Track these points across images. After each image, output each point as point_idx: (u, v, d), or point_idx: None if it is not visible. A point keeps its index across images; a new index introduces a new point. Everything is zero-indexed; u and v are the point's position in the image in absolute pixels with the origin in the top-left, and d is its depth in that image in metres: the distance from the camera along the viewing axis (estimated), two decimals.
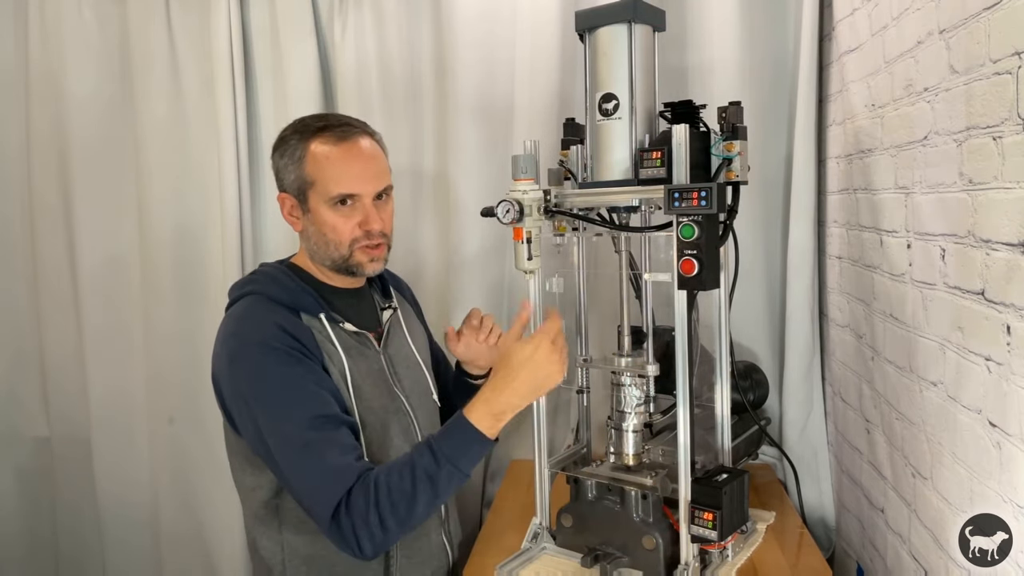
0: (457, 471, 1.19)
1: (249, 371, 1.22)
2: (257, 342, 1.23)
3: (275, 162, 1.35)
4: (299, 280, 1.33)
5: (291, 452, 1.19)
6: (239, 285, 1.36)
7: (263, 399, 1.21)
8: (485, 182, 2.02)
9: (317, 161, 1.29)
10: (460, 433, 1.20)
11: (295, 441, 1.18)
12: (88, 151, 2.20)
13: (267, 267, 1.39)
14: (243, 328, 1.27)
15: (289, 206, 1.34)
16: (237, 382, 1.23)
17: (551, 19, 1.92)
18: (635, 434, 1.45)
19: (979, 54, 1.06)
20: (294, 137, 1.31)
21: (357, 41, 2.09)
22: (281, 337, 1.23)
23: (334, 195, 1.29)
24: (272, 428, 1.20)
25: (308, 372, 1.23)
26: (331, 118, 1.36)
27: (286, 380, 1.21)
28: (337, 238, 1.31)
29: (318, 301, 1.31)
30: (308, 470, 1.18)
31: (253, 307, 1.29)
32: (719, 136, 1.34)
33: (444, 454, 1.18)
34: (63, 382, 2.31)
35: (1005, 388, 1.01)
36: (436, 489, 1.18)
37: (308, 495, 1.19)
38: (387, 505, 1.15)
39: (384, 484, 1.16)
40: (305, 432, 1.18)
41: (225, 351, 1.25)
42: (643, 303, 1.50)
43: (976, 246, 1.08)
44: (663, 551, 1.35)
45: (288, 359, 1.22)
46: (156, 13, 2.14)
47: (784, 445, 1.90)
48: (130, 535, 2.29)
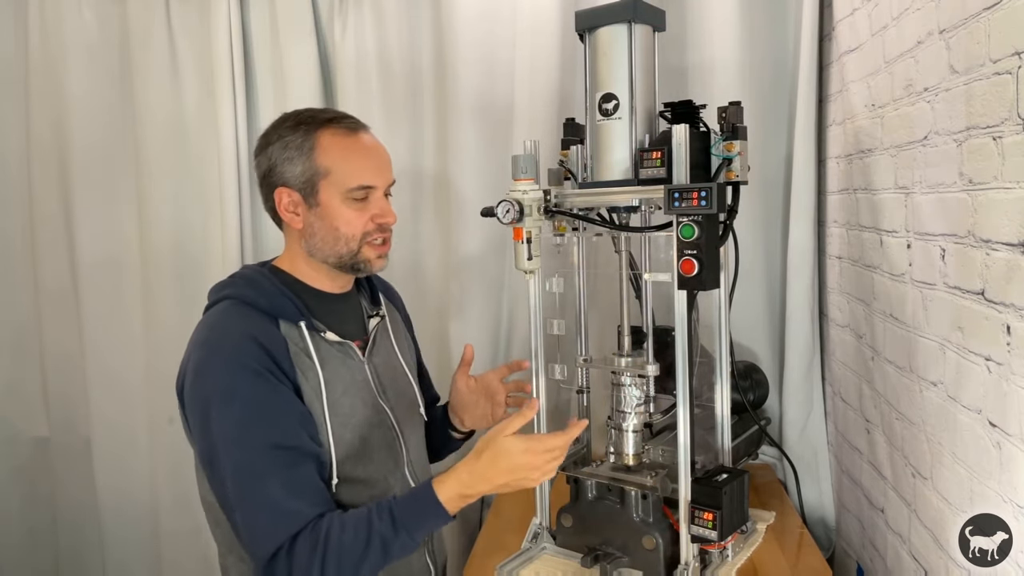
0: (411, 541, 1.13)
1: (213, 386, 1.15)
2: (226, 356, 1.16)
3: (270, 156, 1.25)
4: (281, 285, 1.26)
5: (241, 480, 1.12)
6: (217, 288, 1.28)
7: (222, 418, 1.14)
8: (485, 182, 2.02)
9: (332, 151, 1.23)
10: (425, 506, 1.14)
11: (247, 469, 1.12)
12: (88, 151, 2.20)
13: (248, 270, 1.32)
14: (213, 338, 1.20)
15: (288, 201, 1.25)
16: (198, 396, 1.16)
17: (551, 19, 1.92)
18: (635, 434, 1.45)
19: (979, 54, 1.06)
20: (299, 129, 1.24)
21: (357, 41, 2.09)
22: (253, 352, 1.15)
23: (353, 186, 1.24)
24: (226, 450, 1.13)
25: (275, 393, 1.15)
26: (328, 110, 1.31)
27: (250, 402, 1.14)
28: (350, 232, 1.25)
29: (299, 308, 1.24)
30: (255, 504, 1.11)
31: (227, 315, 1.22)
32: (719, 136, 1.34)
33: (403, 524, 1.12)
34: (63, 382, 2.30)
35: (1005, 388, 1.01)
36: (387, 555, 1.12)
37: (248, 530, 1.13)
38: (333, 561, 1.09)
39: (336, 539, 1.10)
40: (260, 461, 1.12)
41: (192, 360, 1.19)
42: (643, 303, 1.50)
43: (976, 246, 1.08)
44: (663, 551, 1.35)
45: (256, 379, 1.14)
46: (156, 13, 2.14)
47: (784, 445, 1.90)
48: (130, 534, 2.29)
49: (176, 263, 2.19)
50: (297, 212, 1.26)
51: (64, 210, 2.25)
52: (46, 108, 2.20)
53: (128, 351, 2.25)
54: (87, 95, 2.18)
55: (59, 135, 2.21)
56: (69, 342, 2.27)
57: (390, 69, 2.10)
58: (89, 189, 2.22)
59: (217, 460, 1.14)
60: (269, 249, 2.12)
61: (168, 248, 2.19)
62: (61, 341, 2.29)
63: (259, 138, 1.29)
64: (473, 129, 2.03)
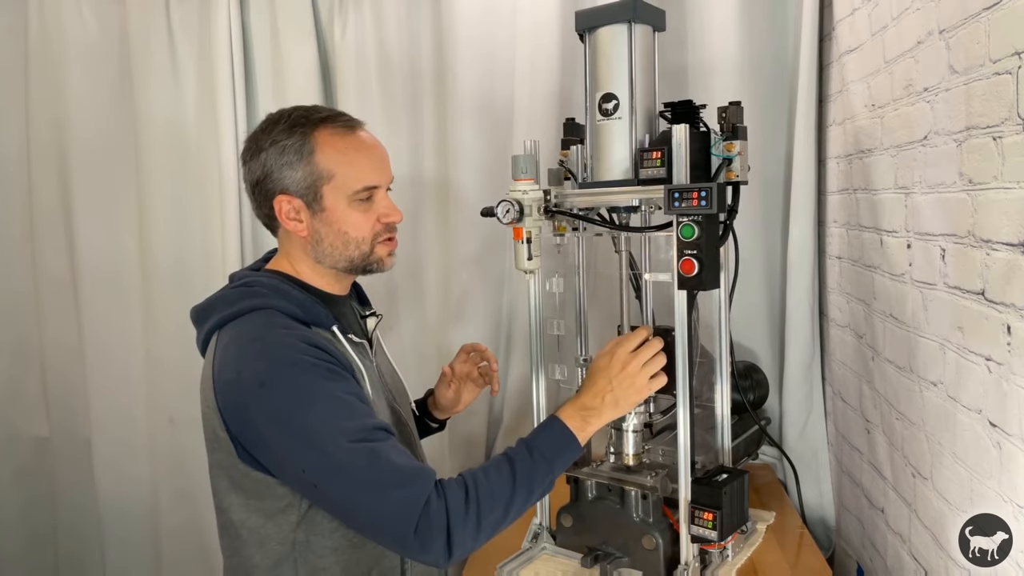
0: (549, 470, 1.13)
1: (288, 394, 1.06)
2: (290, 361, 1.08)
3: (264, 162, 1.19)
4: (304, 291, 1.21)
5: (358, 468, 1.04)
6: (228, 301, 1.19)
7: (311, 422, 1.06)
8: (485, 182, 2.02)
9: (333, 153, 1.18)
10: (551, 431, 1.17)
11: (360, 455, 1.04)
12: (88, 151, 2.21)
13: (261, 277, 1.22)
14: (270, 347, 1.10)
15: (289, 208, 1.19)
16: (273, 408, 1.07)
17: (551, 19, 1.93)
18: (635, 434, 1.45)
19: (979, 54, 1.06)
20: (294, 132, 1.18)
21: (357, 41, 2.09)
22: (314, 352, 1.09)
23: (359, 188, 1.18)
24: (327, 451, 1.05)
25: (351, 386, 1.11)
26: (320, 108, 1.24)
27: (331, 397, 1.08)
28: (360, 235, 1.21)
29: (328, 312, 1.20)
30: (383, 478, 1.04)
31: (271, 323, 1.13)
32: (719, 136, 1.34)
33: (539, 451, 1.13)
34: (63, 382, 2.31)
35: (1005, 388, 1.01)
36: (531, 490, 1.11)
37: (385, 507, 1.04)
38: (488, 502, 1.06)
39: (481, 479, 1.08)
40: (367, 444, 1.05)
41: (248, 375, 1.08)
42: (643, 303, 1.50)
43: (976, 246, 1.08)
44: (663, 551, 1.35)
45: (329, 374, 1.09)
46: (156, 13, 2.14)
47: (784, 445, 1.90)
48: (130, 534, 2.29)
49: (176, 263, 2.19)
50: (300, 219, 1.20)
51: (64, 209, 2.25)
52: (46, 108, 2.20)
53: (128, 351, 2.25)
54: (87, 95, 2.19)
55: (59, 135, 2.21)
56: (69, 342, 2.28)
57: (390, 69, 2.10)
58: (89, 189, 2.22)
59: (316, 465, 1.06)
60: (269, 248, 2.12)
61: (168, 248, 2.19)
62: (61, 341, 2.29)
63: (247, 142, 1.23)
64: (473, 129, 2.04)
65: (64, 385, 2.31)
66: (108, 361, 2.25)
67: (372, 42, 2.09)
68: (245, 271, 1.30)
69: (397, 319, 2.15)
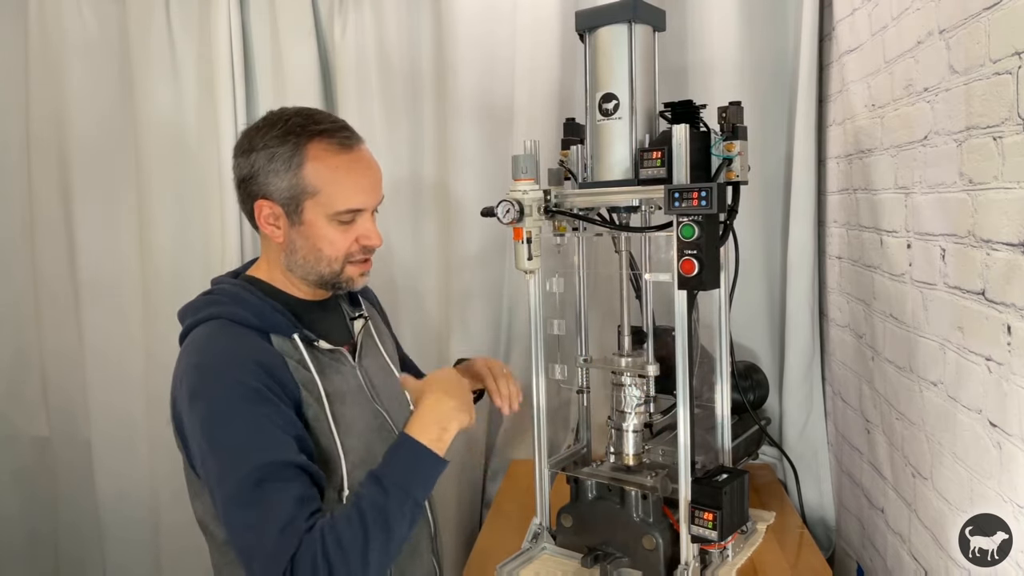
0: (407, 498, 1.07)
1: (210, 410, 1.09)
2: (222, 379, 1.10)
3: (253, 163, 1.17)
4: (267, 297, 1.19)
5: (242, 501, 1.05)
6: (194, 308, 1.21)
7: (223, 440, 1.07)
8: (485, 182, 2.02)
9: (323, 170, 1.15)
10: (404, 452, 1.11)
11: (246, 488, 1.04)
12: (88, 151, 2.21)
13: (225, 284, 1.23)
14: (207, 360, 1.13)
15: (269, 213, 1.17)
16: (200, 420, 1.09)
17: (551, 18, 1.93)
18: (635, 434, 1.45)
19: (979, 54, 1.06)
20: (287, 140, 1.15)
21: (357, 41, 2.09)
22: (251, 371, 1.09)
23: (341, 209, 1.16)
24: (226, 471, 1.06)
25: (275, 413, 1.09)
26: (321, 117, 1.20)
27: (248, 421, 1.07)
28: (333, 253, 1.19)
29: (290, 320, 1.18)
30: (256, 521, 1.04)
31: (219, 335, 1.15)
32: (719, 136, 1.34)
33: (391, 481, 1.07)
34: (63, 382, 2.31)
35: (1005, 388, 1.01)
36: (389, 526, 1.05)
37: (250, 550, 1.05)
38: (337, 556, 1.01)
39: (331, 532, 1.02)
40: (257, 475, 1.04)
41: (186, 385, 1.11)
42: (643, 303, 1.50)
43: (976, 246, 1.08)
44: (663, 551, 1.35)
45: (256, 397, 1.08)
46: (156, 13, 2.14)
47: (784, 445, 1.90)
48: (130, 534, 2.29)
49: (176, 262, 2.19)
50: (278, 226, 1.19)
51: (64, 209, 2.25)
52: (46, 108, 2.20)
53: (128, 351, 2.25)
54: (87, 95, 2.19)
55: (59, 135, 2.21)
56: (69, 342, 2.27)
57: (390, 69, 2.10)
58: (89, 189, 2.22)
59: (216, 481, 1.08)
60: None
61: (168, 248, 2.18)
62: (61, 341, 2.29)
63: (242, 136, 1.21)
64: (473, 129, 2.04)
65: (64, 385, 2.31)
66: (108, 361, 2.25)
67: (372, 41, 2.09)
68: (223, 276, 1.30)
69: (397, 319, 2.15)
